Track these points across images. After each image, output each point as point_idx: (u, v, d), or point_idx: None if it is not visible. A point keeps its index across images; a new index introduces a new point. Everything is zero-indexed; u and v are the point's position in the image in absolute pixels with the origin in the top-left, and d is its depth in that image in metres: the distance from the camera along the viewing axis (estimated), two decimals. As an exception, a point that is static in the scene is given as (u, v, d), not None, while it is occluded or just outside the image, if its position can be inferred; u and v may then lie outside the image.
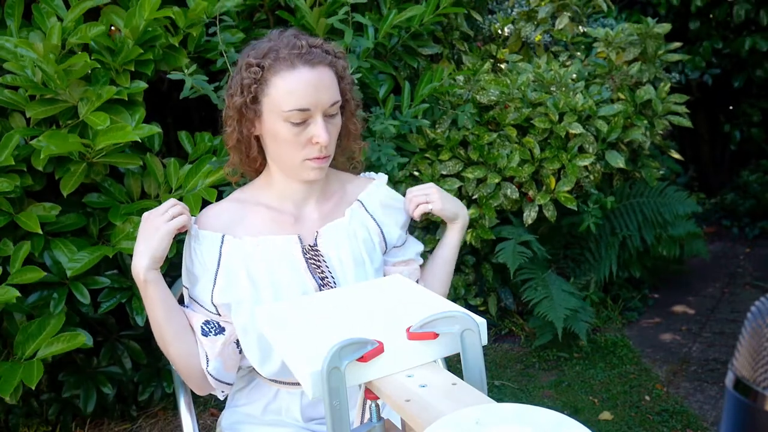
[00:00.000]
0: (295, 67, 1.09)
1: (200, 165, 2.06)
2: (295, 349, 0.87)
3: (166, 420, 2.39)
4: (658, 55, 3.04)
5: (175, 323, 1.15)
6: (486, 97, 2.72)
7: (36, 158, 1.86)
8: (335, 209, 1.25)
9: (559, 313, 2.68)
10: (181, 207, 1.12)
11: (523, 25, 3.18)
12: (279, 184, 1.21)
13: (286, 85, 1.09)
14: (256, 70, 1.11)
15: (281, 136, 1.12)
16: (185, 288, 1.21)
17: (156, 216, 1.11)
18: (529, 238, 2.79)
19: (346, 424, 0.81)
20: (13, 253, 1.82)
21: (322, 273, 1.19)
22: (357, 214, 1.25)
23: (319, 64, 1.11)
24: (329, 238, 1.21)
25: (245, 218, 1.19)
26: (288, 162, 1.16)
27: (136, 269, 1.11)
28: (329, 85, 1.13)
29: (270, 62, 1.10)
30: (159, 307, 1.13)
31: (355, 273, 1.20)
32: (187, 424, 1.30)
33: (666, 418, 2.36)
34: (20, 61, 1.84)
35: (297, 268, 1.17)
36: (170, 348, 1.16)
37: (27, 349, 1.83)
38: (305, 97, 1.10)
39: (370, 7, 2.58)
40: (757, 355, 0.51)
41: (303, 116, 1.11)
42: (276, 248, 1.17)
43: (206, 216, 1.19)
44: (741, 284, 3.60)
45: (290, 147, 1.13)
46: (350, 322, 0.94)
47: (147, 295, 1.13)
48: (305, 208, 1.23)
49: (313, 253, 1.19)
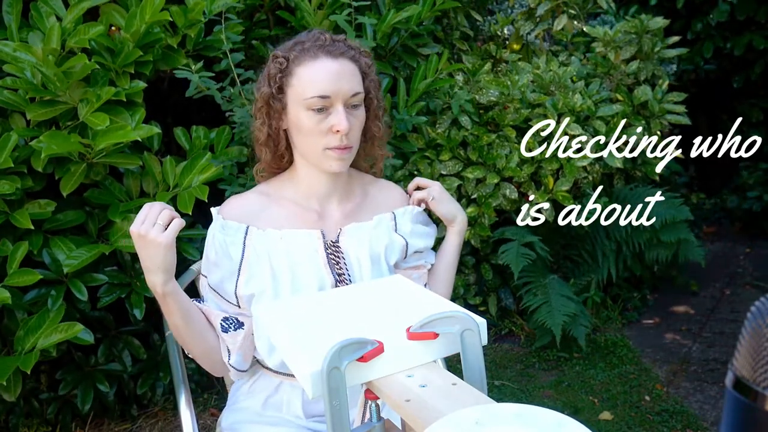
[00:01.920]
0: (317, 58, 1.14)
1: (195, 161, 2.06)
2: (295, 349, 0.87)
3: (166, 420, 2.39)
4: (655, 52, 3.04)
5: (195, 324, 1.17)
6: (485, 98, 2.72)
7: (36, 159, 1.86)
8: (357, 210, 1.27)
9: (557, 320, 2.69)
10: (169, 210, 1.09)
11: (522, 24, 3.18)
12: (304, 179, 1.23)
13: (308, 74, 1.13)
14: (281, 61, 1.16)
15: (304, 125, 1.15)
16: (203, 277, 1.23)
17: (149, 229, 1.06)
18: (533, 239, 2.78)
19: (346, 424, 0.81)
20: (11, 253, 1.83)
21: (340, 269, 1.21)
22: (385, 222, 1.27)
23: (341, 56, 1.15)
24: (351, 236, 1.23)
25: (269, 210, 1.21)
26: (311, 152, 1.18)
27: (153, 287, 1.10)
28: (350, 76, 1.15)
29: (295, 54, 1.15)
30: (179, 315, 1.14)
31: (371, 272, 1.22)
32: (187, 424, 1.30)
33: (666, 418, 2.36)
34: (19, 63, 1.85)
35: (317, 262, 1.19)
36: (192, 348, 1.19)
37: (26, 343, 1.84)
38: (326, 85, 1.13)
39: (369, 8, 2.58)
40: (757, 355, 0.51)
41: (323, 103, 1.13)
42: (299, 241, 1.19)
43: (231, 207, 1.21)
44: (741, 284, 3.60)
45: (312, 136, 1.15)
46: (350, 322, 0.94)
47: (167, 307, 1.13)
48: (328, 206, 1.25)
49: (334, 249, 1.21)
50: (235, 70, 2.16)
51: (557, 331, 2.66)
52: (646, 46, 3.00)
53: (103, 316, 2.23)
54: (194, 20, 2.12)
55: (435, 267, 1.39)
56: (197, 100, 2.26)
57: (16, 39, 1.98)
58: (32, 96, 1.87)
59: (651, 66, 3.02)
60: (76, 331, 1.84)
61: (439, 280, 1.38)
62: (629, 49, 2.99)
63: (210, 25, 2.26)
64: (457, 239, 1.38)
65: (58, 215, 1.98)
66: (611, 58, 3.02)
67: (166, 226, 1.07)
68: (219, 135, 2.21)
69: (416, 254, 1.34)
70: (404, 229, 1.29)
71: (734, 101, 4.72)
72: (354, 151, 1.20)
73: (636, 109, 2.95)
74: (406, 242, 1.28)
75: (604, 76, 3.02)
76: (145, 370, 2.35)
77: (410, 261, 1.33)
